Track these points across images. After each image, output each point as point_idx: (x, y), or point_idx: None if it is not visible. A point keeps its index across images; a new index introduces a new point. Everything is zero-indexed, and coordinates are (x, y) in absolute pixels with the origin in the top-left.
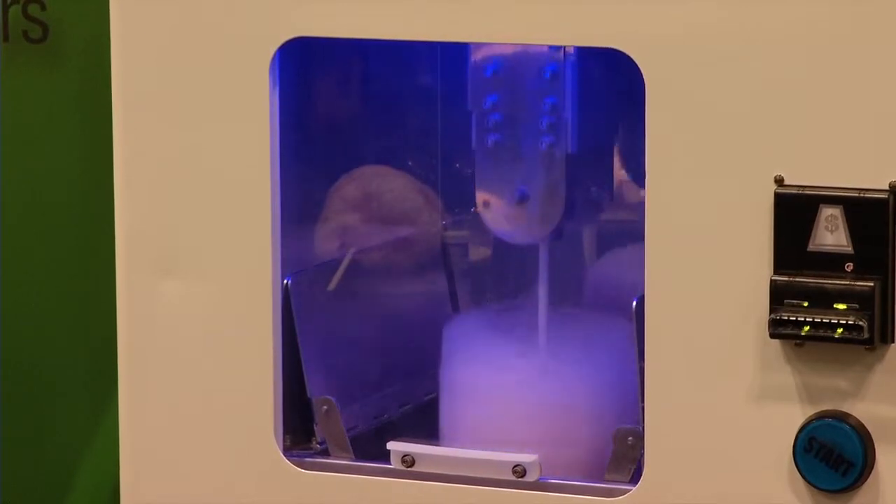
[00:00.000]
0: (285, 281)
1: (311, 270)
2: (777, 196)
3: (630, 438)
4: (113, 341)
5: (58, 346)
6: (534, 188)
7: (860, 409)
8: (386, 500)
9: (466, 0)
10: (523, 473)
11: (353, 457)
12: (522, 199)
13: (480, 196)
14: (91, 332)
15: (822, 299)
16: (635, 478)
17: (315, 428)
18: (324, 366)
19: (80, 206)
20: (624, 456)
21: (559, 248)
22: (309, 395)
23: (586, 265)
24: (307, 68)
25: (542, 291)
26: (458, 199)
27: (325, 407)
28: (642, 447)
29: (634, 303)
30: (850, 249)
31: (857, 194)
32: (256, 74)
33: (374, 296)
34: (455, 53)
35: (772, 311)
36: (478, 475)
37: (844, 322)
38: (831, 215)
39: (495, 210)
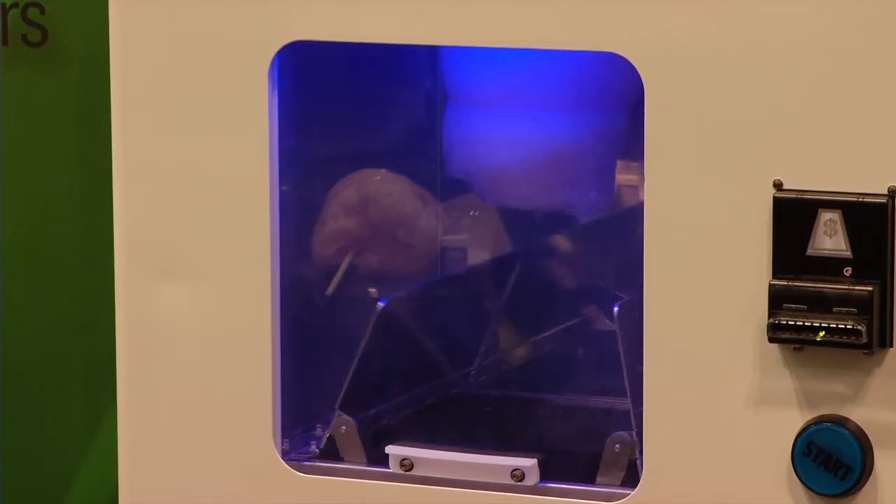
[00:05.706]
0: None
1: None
2: (776, 200)
3: (617, 446)
4: (112, 344)
5: (57, 348)
6: None
7: (859, 414)
8: (385, 503)
9: (464, 4)
10: (522, 477)
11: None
12: None
13: None
14: (90, 335)
15: (821, 304)
16: (633, 482)
17: (315, 432)
18: (322, 371)
19: (79, 210)
20: (613, 463)
21: None
22: (305, 399)
23: None
24: (306, 71)
25: None
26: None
27: (343, 427)
28: (631, 453)
29: (616, 308)
30: (848, 254)
31: (856, 199)
32: (255, 78)
33: (372, 300)
34: (453, 55)
35: (770, 315)
36: (476, 479)
37: (843, 326)
38: (830, 219)
39: None
